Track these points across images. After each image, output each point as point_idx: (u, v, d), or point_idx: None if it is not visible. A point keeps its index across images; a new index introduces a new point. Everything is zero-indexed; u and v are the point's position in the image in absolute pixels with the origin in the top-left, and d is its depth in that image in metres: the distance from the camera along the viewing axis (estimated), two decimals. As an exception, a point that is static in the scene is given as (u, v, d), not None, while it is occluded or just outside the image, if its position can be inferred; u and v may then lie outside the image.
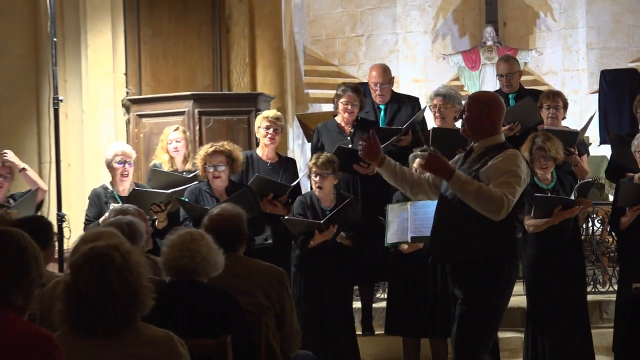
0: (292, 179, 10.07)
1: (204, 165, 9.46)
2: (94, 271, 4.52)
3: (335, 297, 9.39)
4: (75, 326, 4.58)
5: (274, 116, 10.16)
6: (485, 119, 7.37)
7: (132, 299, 4.56)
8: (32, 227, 6.99)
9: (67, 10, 12.36)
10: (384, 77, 10.68)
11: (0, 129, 12.80)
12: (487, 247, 7.16)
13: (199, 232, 6.21)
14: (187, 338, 4.87)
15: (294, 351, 6.98)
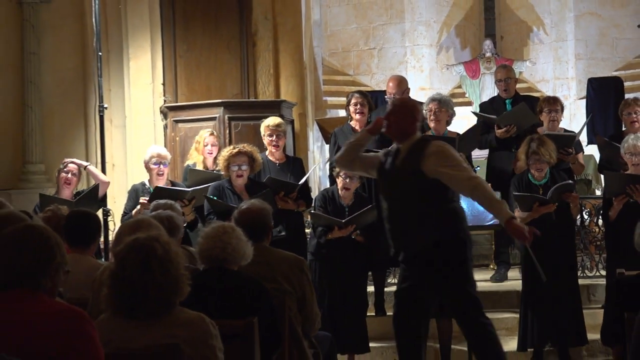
0: (299, 176, 10.03)
1: (227, 165, 9.45)
2: (138, 260, 4.55)
3: (347, 283, 9.35)
4: (119, 309, 4.60)
5: (275, 124, 10.10)
6: (411, 125, 7.44)
7: (171, 286, 4.58)
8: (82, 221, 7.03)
9: (111, 27, 12.39)
10: (399, 88, 10.70)
11: (53, 134, 12.86)
12: (439, 230, 7.23)
13: (231, 225, 6.22)
14: (218, 319, 4.87)
15: (314, 331, 6.96)
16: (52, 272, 4.18)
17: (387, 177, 7.52)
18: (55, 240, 4.22)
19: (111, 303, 4.62)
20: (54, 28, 13.02)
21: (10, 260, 4.10)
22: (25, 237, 4.17)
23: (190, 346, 4.53)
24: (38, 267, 4.13)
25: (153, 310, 4.56)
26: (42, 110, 12.93)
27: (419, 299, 7.58)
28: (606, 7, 17.60)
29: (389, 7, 17.96)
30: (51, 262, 4.17)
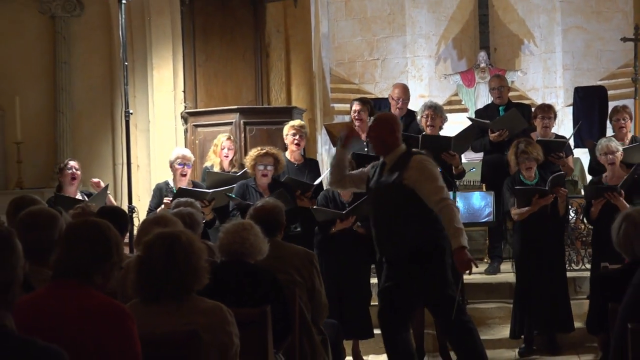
0: (315, 176, 10.08)
1: (253, 164, 9.46)
2: (164, 247, 4.62)
3: (351, 274, 9.33)
4: (143, 293, 4.65)
5: (299, 125, 10.21)
6: (391, 136, 7.42)
7: (192, 273, 4.63)
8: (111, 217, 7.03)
9: (136, 39, 12.39)
10: (405, 95, 10.76)
11: (82, 137, 12.87)
12: (420, 238, 7.24)
13: (250, 222, 6.25)
14: (234, 308, 4.87)
15: (322, 319, 6.97)
16: (107, 269, 4.18)
17: (374, 188, 7.53)
18: (115, 240, 4.23)
19: (137, 287, 4.66)
20: (84, 39, 13.03)
21: (67, 254, 4.08)
22: (88, 233, 4.15)
23: (208, 332, 4.54)
24: (93, 263, 4.11)
25: (174, 294, 4.60)
26: (72, 115, 12.94)
27: (402, 297, 7.56)
28: (591, 22, 17.58)
29: (392, 21, 17.96)
30: (107, 260, 4.16)
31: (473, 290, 10.16)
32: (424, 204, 7.22)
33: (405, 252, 7.29)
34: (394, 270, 7.47)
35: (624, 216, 5.79)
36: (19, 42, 12.99)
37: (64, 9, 12.95)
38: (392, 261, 7.47)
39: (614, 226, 5.82)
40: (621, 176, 9.28)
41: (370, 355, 9.81)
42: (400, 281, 7.44)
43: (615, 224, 5.81)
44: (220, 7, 12.87)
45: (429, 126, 10.15)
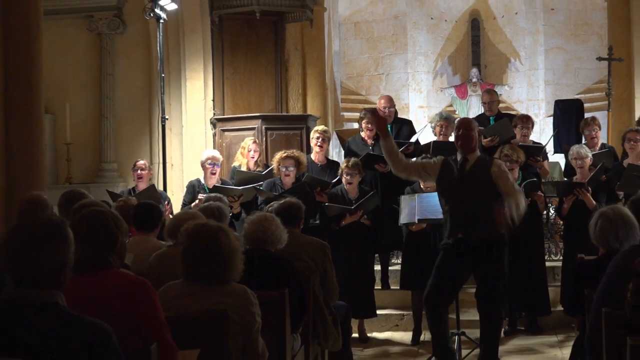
0: (335, 176, 10.10)
1: (278, 166, 9.57)
2: (207, 236, 4.69)
3: (359, 262, 9.37)
4: (188, 274, 4.69)
5: (322, 130, 10.31)
6: (477, 138, 7.69)
7: (231, 271, 4.70)
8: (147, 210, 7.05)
9: (171, 54, 12.40)
10: (389, 104, 10.74)
11: (123, 139, 12.89)
12: (493, 227, 7.41)
13: (271, 214, 6.28)
14: (257, 290, 4.88)
15: (333, 301, 6.97)
16: (118, 249, 4.19)
17: (455, 179, 7.61)
18: (113, 223, 4.21)
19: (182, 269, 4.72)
20: (126, 54, 13.03)
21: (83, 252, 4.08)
22: (89, 229, 4.14)
23: (234, 312, 4.58)
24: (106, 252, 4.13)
25: (213, 280, 4.67)
26: (115, 120, 12.95)
27: (460, 278, 7.82)
28: (570, 43, 17.59)
29: (395, 41, 17.97)
30: (116, 242, 4.17)
31: (464, 277, 10.14)
32: (495, 197, 7.42)
33: (481, 235, 7.47)
34: (462, 251, 7.56)
35: (600, 214, 5.79)
36: (70, 56, 13.01)
37: (109, 27, 12.97)
38: (466, 243, 7.54)
39: (591, 223, 5.82)
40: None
41: (374, 332, 9.82)
42: (468, 261, 7.59)
43: (592, 221, 5.81)
44: (246, 27, 12.87)
45: (442, 134, 10.46)
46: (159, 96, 10.41)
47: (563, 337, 8.53)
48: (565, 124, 14.36)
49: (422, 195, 8.89)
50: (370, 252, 9.71)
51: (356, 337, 9.28)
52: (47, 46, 9.61)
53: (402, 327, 9.93)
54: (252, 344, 4.70)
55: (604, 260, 5.47)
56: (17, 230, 3.24)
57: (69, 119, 12.59)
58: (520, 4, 17.64)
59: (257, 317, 4.71)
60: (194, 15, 12.46)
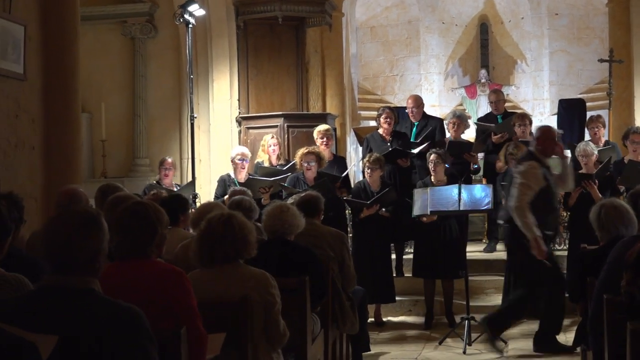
0: (342, 170, 10.14)
1: (300, 162, 9.58)
2: (222, 220, 4.73)
3: (378, 251, 9.39)
4: (203, 258, 4.72)
5: (324, 129, 10.30)
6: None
7: (242, 242, 4.71)
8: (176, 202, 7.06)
9: (200, 56, 12.42)
10: (415, 104, 10.76)
11: (155, 136, 12.93)
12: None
13: (286, 204, 6.27)
14: (278, 277, 4.87)
15: (350, 287, 6.97)
16: (157, 241, 4.18)
17: (553, 183, 7.88)
18: (154, 215, 4.20)
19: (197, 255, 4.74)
20: (157, 57, 13.07)
21: (123, 241, 4.09)
22: (131, 220, 4.14)
23: (256, 293, 4.62)
24: (145, 242, 4.13)
25: (226, 258, 4.69)
26: (147, 118, 12.99)
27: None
28: (573, 46, 17.47)
29: (409, 44, 17.91)
30: (155, 234, 4.16)
31: (474, 266, 10.11)
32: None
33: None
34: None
35: (600, 205, 5.80)
36: (105, 59, 13.06)
37: (141, 32, 13.01)
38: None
39: (592, 214, 5.81)
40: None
41: (389, 317, 9.82)
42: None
43: (593, 213, 5.80)
44: (269, 31, 12.86)
45: (455, 131, 10.59)
46: (188, 96, 10.41)
47: (568, 322, 8.47)
48: (568, 122, 14.30)
49: (434, 188, 8.90)
50: (387, 240, 9.74)
51: (372, 321, 9.29)
52: (84, 50, 9.65)
53: (414, 312, 9.93)
54: (274, 323, 4.70)
55: (606, 249, 5.45)
56: (55, 221, 3.25)
57: (104, 117, 12.64)
58: (526, 9, 17.54)
59: (277, 298, 4.72)
60: (220, 21, 12.47)
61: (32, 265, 4.51)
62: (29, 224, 5.74)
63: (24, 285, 3.93)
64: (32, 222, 6.73)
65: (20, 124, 7.86)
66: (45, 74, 8.27)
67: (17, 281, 3.92)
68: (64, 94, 8.38)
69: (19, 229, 5.05)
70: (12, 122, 7.72)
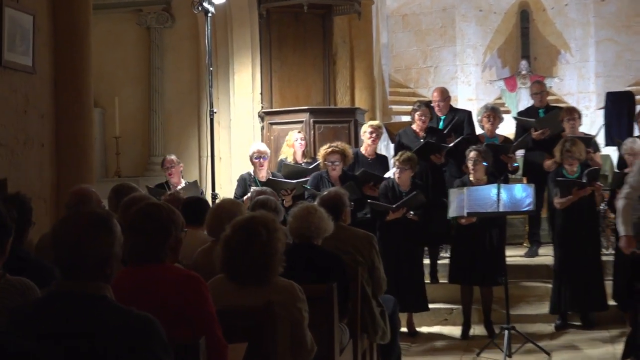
0: (384, 170, 10.17)
1: (324, 161, 9.55)
2: (243, 239, 4.66)
3: (406, 255, 9.34)
4: (228, 271, 4.65)
5: (377, 125, 10.45)
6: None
7: (266, 265, 4.64)
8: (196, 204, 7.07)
9: (220, 47, 12.42)
10: (440, 97, 10.74)
11: (172, 133, 12.96)
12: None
13: (314, 206, 6.23)
14: (304, 284, 4.85)
15: (380, 293, 6.95)
16: (172, 244, 4.17)
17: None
18: (168, 216, 4.20)
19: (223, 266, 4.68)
20: (175, 48, 13.09)
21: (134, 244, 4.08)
22: (143, 222, 4.14)
23: (282, 308, 4.55)
24: (157, 246, 4.11)
25: (248, 279, 4.62)
26: (164, 113, 13.02)
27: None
28: (621, 35, 17.35)
29: (444, 33, 17.86)
30: (168, 239, 4.15)
31: (514, 271, 10.05)
32: None
33: None
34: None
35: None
36: (119, 50, 13.10)
37: (157, 21, 13.04)
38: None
39: None
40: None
41: (422, 327, 9.77)
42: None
43: None
44: (294, 20, 12.84)
45: (489, 124, 10.53)
46: (207, 90, 10.40)
47: (618, 333, 8.43)
48: (616, 116, 14.19)
49: (471, 188, 8.83)
50: (417, 244, 9.67)
51: (405, 331, 9.26)
52: (96, 40, 9.68)
53: (450, 322, 9.88)
54: (301, 339, 4.67)
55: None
56: (63, 223, 3.26)
57: (118, 112, 12.67)
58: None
59: (304, 313, 4.68)
60: (242, 9, 12.46)
61: (41, 269, 4.54)
62: (38, 226, 5.75)
63: (30, 289, 3.94)
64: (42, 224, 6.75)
65: (29, 119, 7.89)
66: (56, 66, 8.31)
67: (23, 285, 3.94)
68: (75, 87, 8.41)
69: (27, 231, 5.07)
70: (20, 117, 7.75)
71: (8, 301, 3.78)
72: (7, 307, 3.65)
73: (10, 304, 3.73)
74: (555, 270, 9.38)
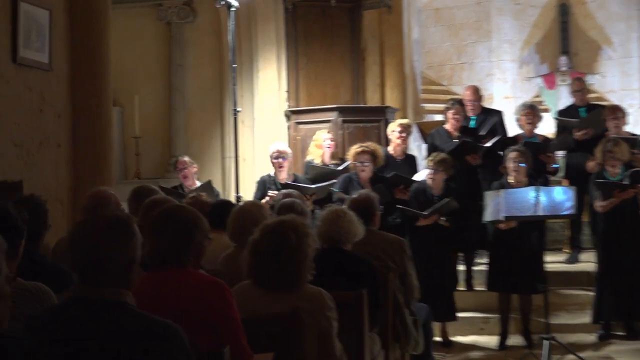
0: (413, 171, 10.15)
1: (354, 161, 9.55)
2: (271, 245, 4.63)
3: (437, 262, 9.30)
4: (256, 278, 4.65)
5: (406, 123, 10.43)
6: None
7: (295, 272, 4.62)
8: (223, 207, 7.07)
9: (243, 43, 12.43)
10: (474, 96, 10.71)
11: (194, 132, 12.99)
12: None
13: (343, 209, 6.23)
14: (333, 291, 4.83)
15: (413, 300, 6.95)
16: (194, 249, 4.18)
17: None
18: (192, 219, 4.22)
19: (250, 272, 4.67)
20: (196, 44, 13.13)
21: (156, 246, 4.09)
22: (165, 223, 4.15)
23: (310, 316, 4.54)
24: (180, 249, 4.12)
25: (276, 285, 4.59)
26: (185, 112, 13.07)
27: None
28: (667, 29, 17.27)
29: (478, 28, 17.81)
30: (191, 242, 4.16)
31: (554, 278, 9.98)
32: None
33: None
34: None
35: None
36: (138, 45, 13.16)
37: (178, 16, 13.09)
38: None
39: None
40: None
41: (457, 336, 9.74)
42: None
43: None
44: (321, 14, 12.84)
45: (528, 124, 10.42)
46: (231, 87, 10.42)
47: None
48: (662, 114, 14.13)
49: (508, 190, 8.77)
50: (450, 251, 9.64)
51: (438, 341, 9.23)
52: (115, 36, 9.70)
53: (487, 331, 9.83)
54: (329, 349, 4.64)
55: None
56: (81, 226, 3.28)
57: (137, 111, 12.72)
58: (613, -13, 17.39)
59: (333, 322, 4.66)
60: (266, 3, 12.48)
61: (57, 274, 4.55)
62: (55, 230, 5.78)
63: (45, 294, 3.96)
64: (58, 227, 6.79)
65: (45, 119, 7.92)
66: (73, 63, 8.34)
67: (38, 290, 3.96)
68: (92, 85, 8.45)
69: (42, 235, 5.08)
70: (36, 117, 7.79)
71: (24, 306, 3.79)
72: (23, 313, 3.66)
73: (25, 309, 3.75)
74: (598, 277, 9.31)
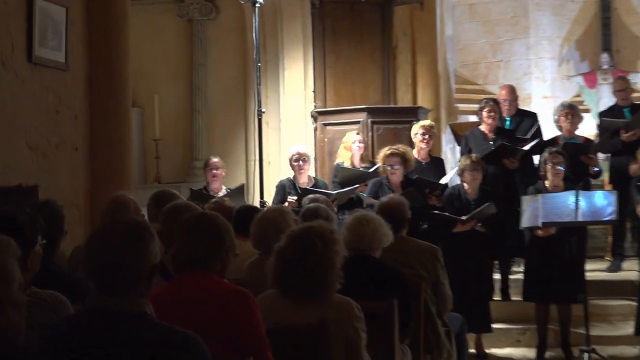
0: (440, 174, 10.13)
1: (384, 164, 9.56)
2: (297, 252, 4.63)
3: (472, 269, 9.27)
4: (281, 287, 4.66)
5: (429, 125, 10.34)
6: None
7: (322, 280, 4.62)
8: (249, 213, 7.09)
9: (268, 41, 12.45)
10: (510, 96, 10.69)
11: (217, 134, 13.03)
12: None
13: (367, 216, 6.19)
14: (361, 300, 4.83)
15: (446, 311, 6.93)
16: (222, 255, 4.24)
17: None
18: (224, 227, 4.31)
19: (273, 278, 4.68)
20: (219, 42, 13.17)
21: (185, 246, 4.14)
22: (198, 225, 4.24)
23: (337, 326, 4.54)
24: (209, 252, 4.18)
25: (302, 294, 4.59)
26: (207, 113, 13.10)
27: None
28: None
29: (515, 24, 17.75)
30: (220, 247, 4.24)
31: (595, 288, 9.91)
32: None
33: None
34: None
35: None
36: (158, 44, 13.20)
37: (200, 13, 13.13)
38: None
39: None
40: None
41: (492, 348, 9.71)
42: None
43: None
44: (349, 11, 12.84)
45: (570, 124, 10.42)
46: (255, 87, 10.44)
47: None
48: None
49: (546, 195, 8.75)
50: (486, 259, 9.61)
51: (473, 353, 9.21)
52: (135, 34, 9.75)
53: (524, 343, 9.79)
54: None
55: None
56: (98, 233, 3.30)
57: (157, 112, 12.77)
58: (658, -20, 17.30)
59: (362, 333, 4.66)
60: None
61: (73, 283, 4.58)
62: (71, 236, 5.82)
63: (61, 304, 3.98)
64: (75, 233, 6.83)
65: (62, 120, 7.97)
66: (90, 62, 8.39)
67: (54, 300, 3.98)
68: (111, 85, 8.49)
69: (58, 241, 5.11)
70: (52, 118, 7.83)
71: (39, 315, 3.82)
72: (38, 322, 3.69)
73: (41, 319, 3.78)
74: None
